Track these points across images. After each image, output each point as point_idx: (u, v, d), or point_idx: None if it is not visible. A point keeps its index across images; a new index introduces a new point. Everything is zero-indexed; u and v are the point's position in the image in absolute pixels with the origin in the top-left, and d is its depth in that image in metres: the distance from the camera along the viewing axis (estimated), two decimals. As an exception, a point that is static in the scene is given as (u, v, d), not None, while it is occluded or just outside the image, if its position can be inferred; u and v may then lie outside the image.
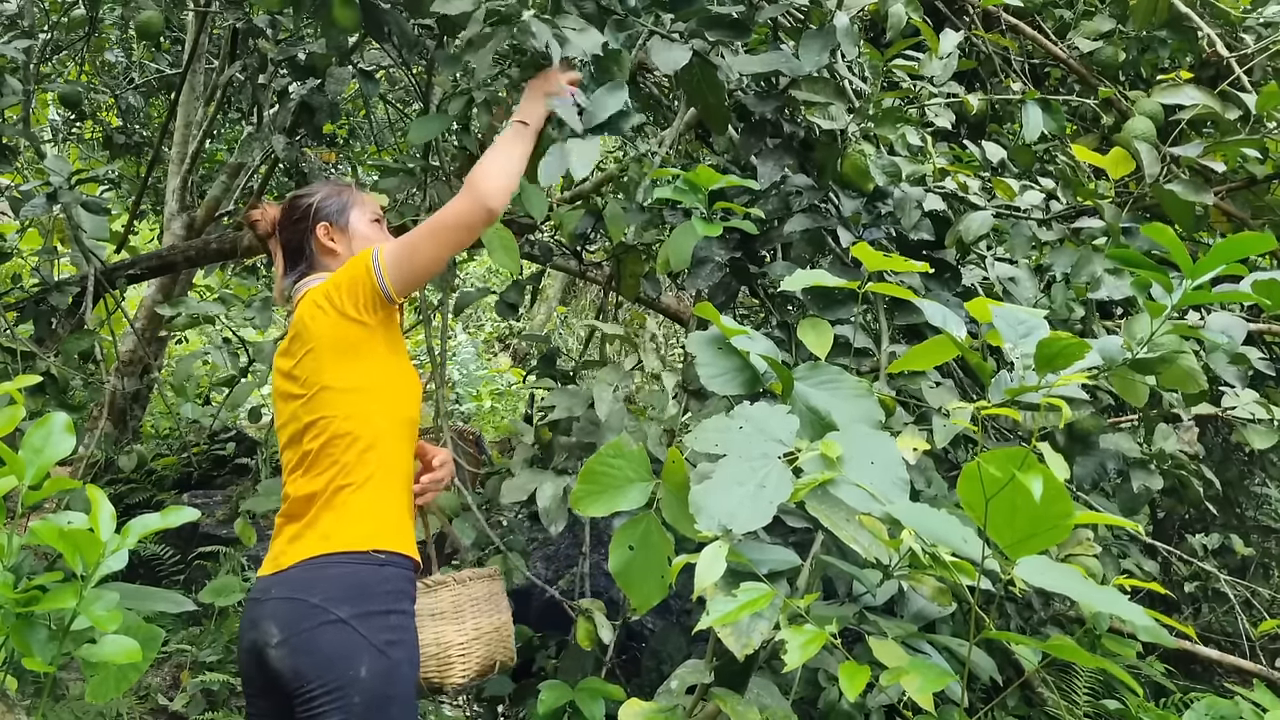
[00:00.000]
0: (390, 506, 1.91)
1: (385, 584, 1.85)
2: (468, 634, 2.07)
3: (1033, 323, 1.58)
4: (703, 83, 2.52)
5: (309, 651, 1.78)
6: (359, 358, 1.91)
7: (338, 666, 1.76)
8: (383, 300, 1.90)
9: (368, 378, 1.92)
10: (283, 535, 1.91)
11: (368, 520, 1.87)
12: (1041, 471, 1.25)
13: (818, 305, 2.39)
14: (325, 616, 1.78)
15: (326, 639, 1.78)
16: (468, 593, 2.11)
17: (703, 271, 2.57)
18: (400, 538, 1.91)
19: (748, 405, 1.63)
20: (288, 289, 2.10)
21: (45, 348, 3.73)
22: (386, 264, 1.89)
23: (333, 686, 1.76)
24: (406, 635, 1.86)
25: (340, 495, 1.87)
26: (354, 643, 1.78)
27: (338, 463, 1.88)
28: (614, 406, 2.41)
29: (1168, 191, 2.60)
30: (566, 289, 10.44)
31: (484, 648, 2.10)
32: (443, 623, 2.05)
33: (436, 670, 2.02)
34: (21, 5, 4.14)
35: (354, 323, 1.90)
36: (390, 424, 1.93)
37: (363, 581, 1.83)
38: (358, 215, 2.14)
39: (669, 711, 1.79)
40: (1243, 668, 3.19)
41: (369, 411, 1.91)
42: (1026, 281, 2.62)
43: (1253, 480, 4.30)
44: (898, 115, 2.63)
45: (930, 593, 1.75)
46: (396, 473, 1.94)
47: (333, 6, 2.65)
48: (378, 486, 1.90)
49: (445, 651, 2.03)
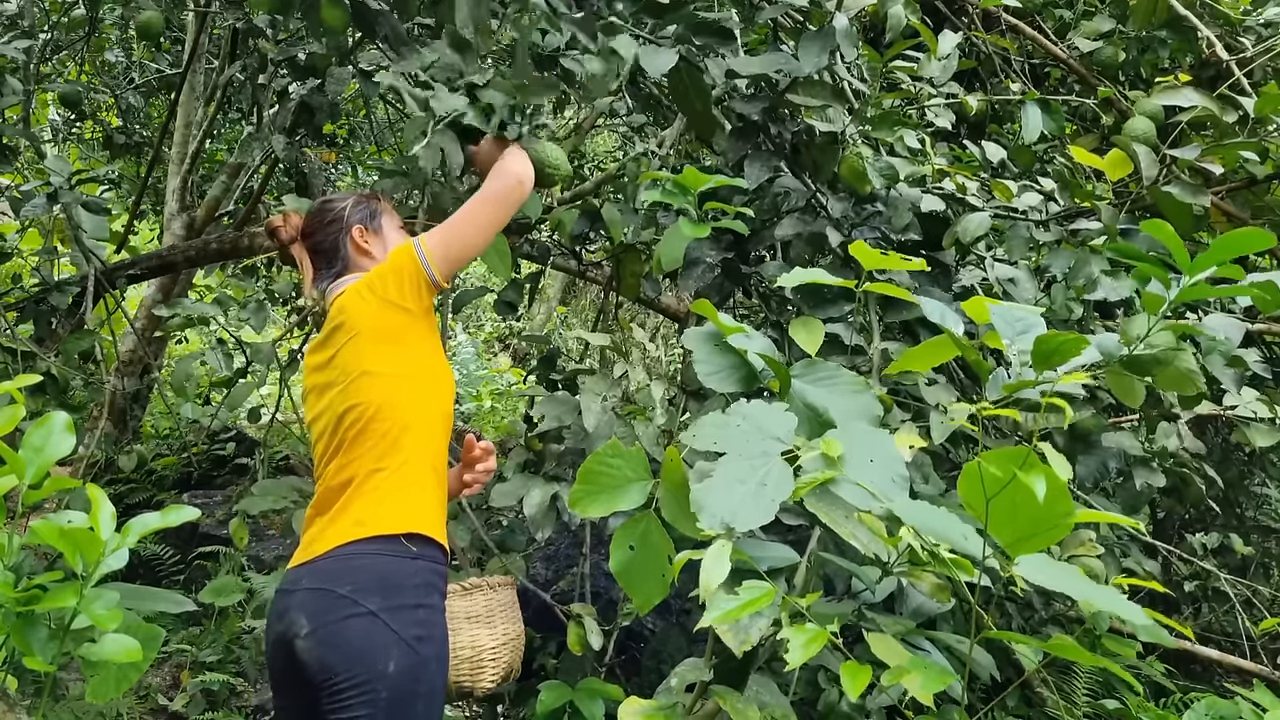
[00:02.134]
0: (425, 493, 1.91)
1: (415, 576, 1.83)
2: (499, 639, 2.08)
3: (1030, 320, 1.58)
4: (690, 88, 2.53)
5: (337, 644, 1.76)
6: (400, 344, 1.94)
7: (366, 660, 1.74)
8: (428, 285, 1.95)
9: (408, 365, 1.94)
10: (314, 526, 1.91)
11: (402, 504, 1.87)
12: (1043, 471, 1.25)
13: (810, 304, 2.40)
14: (355, 609, 1.76)
15: (355, 631, 1.76)
16: (498, 598, 2.12)
17: (694, 272, 2.58)
18: (434, 524, 1.91)
19: (745, 403, 1.63)
20: (324, 290, 2.13)
21: (45, 348, 3.73)
22: (430, 249, 1.95)
23: (360, 680, 1.74)
24: (436, 630, 1.83)
25: (375, 478, 1.87)
26: (383, 636, 1.75)
27: (375, 447, 1.88)
28: (602, 417, 2.42)
29: (1165, 194, 2.60)
30: (566, 289, 10.44)
31: (510, 654, 2.11)
32: (478, 626, 2.05)
33: (469, 674, 2.02)
34: (21, 5, 4.14)
35: (398, 309, 1.93)
36: (426, 412, 1.95)
37: (393, 573, 1.81)
38: (388, 221, 2.20)
39: (668, 709, 1.79)
40: (1243, 668, 3.19)
41: (407, 398, 1.92)
42: (1026, 282, 2.62)
43: (1253, 480, 4.30)
44: (895, 118, 2.63)
45: (929, 589, 1.75)
46: (431, 462, 1.95)
47: (321, 7, 2.65)
48: (413, 471, 1.90)
49: (479, 655, 2.03)
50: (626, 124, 4.28)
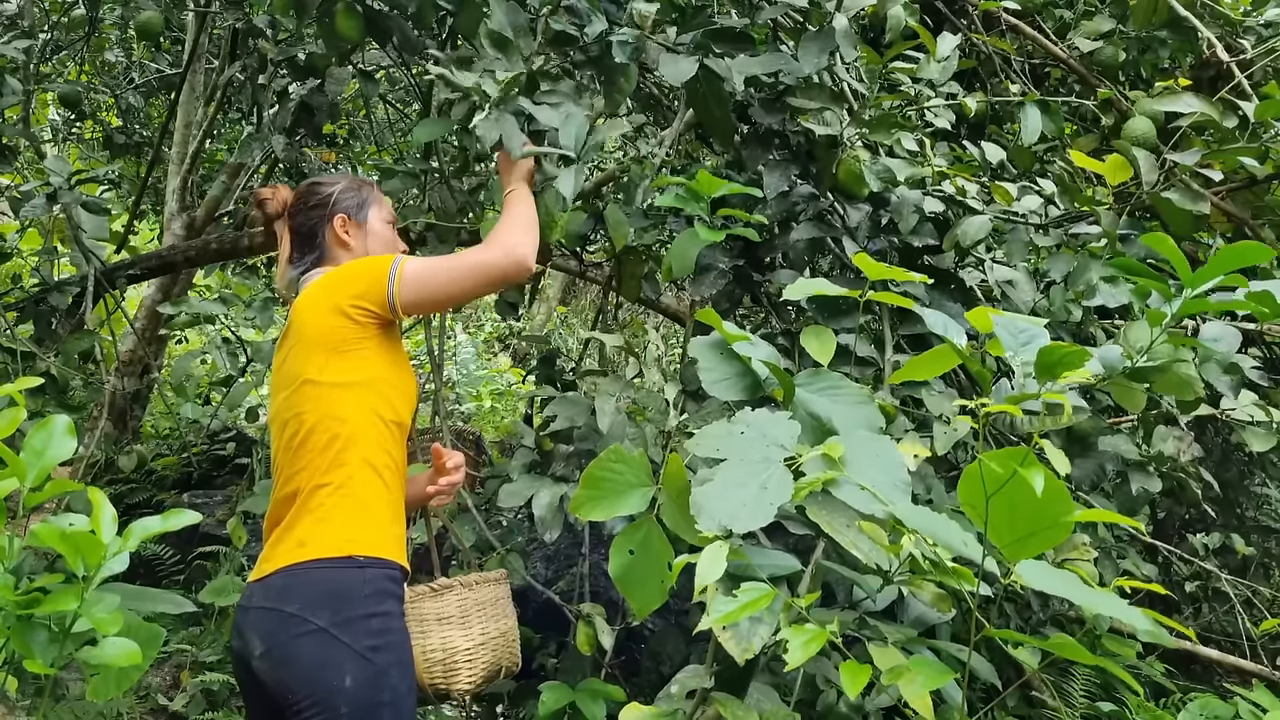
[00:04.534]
0: (371, 510, 1.83)
1: (365, 586, 1.77)
2: (474, 639, 2.04)
3: (1033, 331, 1.59)
4: (708, 95, 2.51)
5: (290, 664, 1.73)
6: (345, 354, 1.86)
7: (321, 677, 1.71)
8: (384, 306, 1.86)
9: (352, 374, 1.85)
10: (270, 537, 1.88)
11: (346, 525, 1.80)
12: (1042, 469, 1.25)
13: (821, 313, 2.38)
14: (304, 626, 1.73)
15: (307, 649, 1.72)
16: (474, 597, 2.07)
17: (706, 279, 2.56)
18: (383, 543, 1.83)
19: (749, 410, 1.63)
20: (294, 278, 2.06)
21: (45, 348, 3.72)
22: (405, 274, 1.86)
23: (318, 698, 1.70)
24: (392, 637, 1.78)
25: (318, 495, 1.81)
26: (336, 651, 1.72)
27: (315, 461, 1.82)
28: (616, 418, 2.40)
29: (1165, 199, 2.60)
30: (566, 289, 10.44)
31: (490, 653, 2.07)
32: (449, 628, 2.02)
33: (443, 676, 2.00)
34: (21, 5, 4.14)
35: (345, 317, 1.85)
36: (372, 423, 1.86)
37: (341, 586, 1.76)
38: (375, 213, 2.11)
39: (669, 715, 1.79)
40: (1243, 668, 3.20)
41: (350, 410, 1.84)
42: (1025, 285, 2.62)
43: (1253, 480, 4.31)
44: (893, 120, 2.63)
45: (930, 598, 1.75)
46: (380, 475, 1.86)
47: (336, 17, 2.64)
48: (358, 486, 1.82)
49: (451, 657, 2.00)
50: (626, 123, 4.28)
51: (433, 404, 3.31)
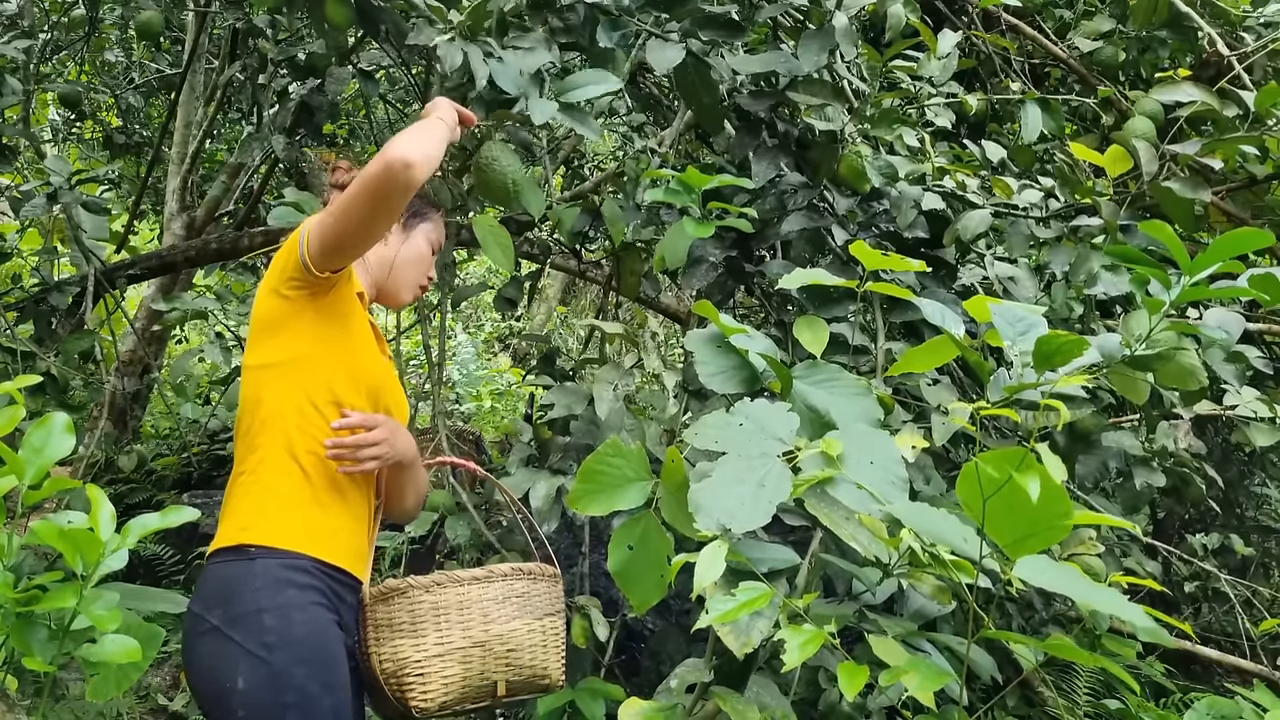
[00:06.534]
0: (275, 496, 1.72)
1: (255, 579, 1.65)
2: (428, 650, 1.77)
3: (1031, 320, 1.58)
4: (697, 82, 2.53)
5: (191, 667, 1.66)
6: (275, 334, 1.76)
7: (215, 679, 1.61)
8: (303, 272, 1.72)
9: (276, 354, 1.76)
10: None
11: (242, 514, 1.72)
12: (1039, 472, 1.25)
13: (814, 304, 2.38)
14: (201, 625, 1.64)
15: (201, 650, 1.64)
16: (430, 600, 1.79)
17: (698, 271, 2.57)
18: (284, 531, 1.69)
19: (748, 402, 1.62)
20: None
21: (45, 348, 3.72)
22: (309, 234, 1.72)
23: (214, 701, 1.61)
24: (294, 631, 1.63)
25: (235, 485, 1.76)
26: (228, 650, 1.61)
27: (238, 449, 1.77)
28: (614, 406, 2.39)
29: (1165, 189, 2.59)
30: (566, 289, 10.43)
31: (458, 666, 1.78)
32: (400, 637, 1.78)
33: (398, 690, 1.77)
34: (21, 5, 4.14)
35: (279, 297, 1.76)
36: (296, 405, 1.73)
37: (230, 580, 1.66)
38: (425, 230, 1.99)
39: (669, 710, 1.79)
40: (1243, 668, 3.19)
41: (269, 390, 1.75)
42: (1026, 280, 2.62)
43: (1253, 480, 4.30)
44: (894, 117, 2.63)
45: (930, 591, 1.75)
46: (297, 460, 1.73)
47: (325, 4, 2.65)
48: (265, 475, 1.73)
49: (401, 670, 1.76)
50: (626, 123, 4.28)
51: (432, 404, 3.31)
